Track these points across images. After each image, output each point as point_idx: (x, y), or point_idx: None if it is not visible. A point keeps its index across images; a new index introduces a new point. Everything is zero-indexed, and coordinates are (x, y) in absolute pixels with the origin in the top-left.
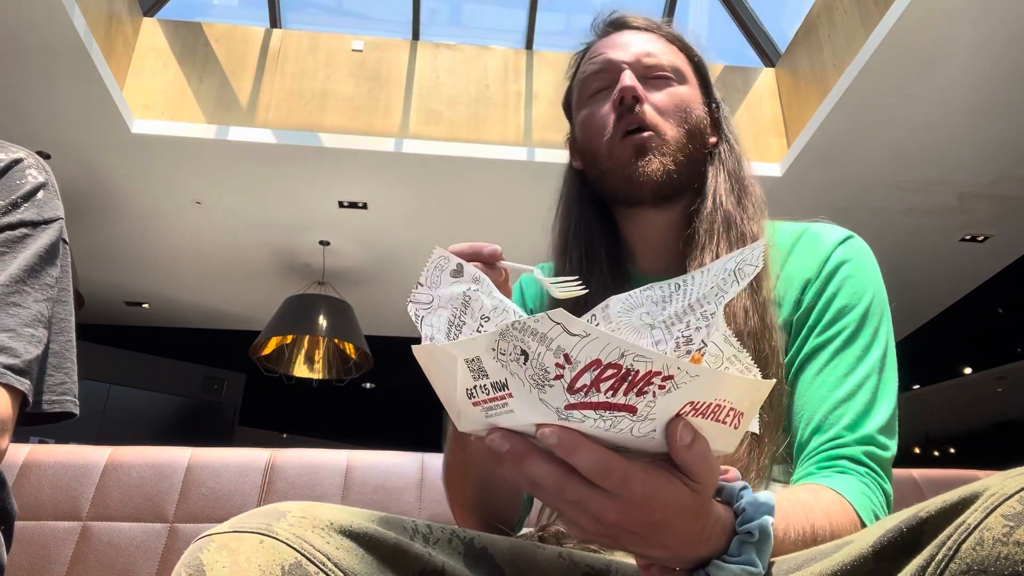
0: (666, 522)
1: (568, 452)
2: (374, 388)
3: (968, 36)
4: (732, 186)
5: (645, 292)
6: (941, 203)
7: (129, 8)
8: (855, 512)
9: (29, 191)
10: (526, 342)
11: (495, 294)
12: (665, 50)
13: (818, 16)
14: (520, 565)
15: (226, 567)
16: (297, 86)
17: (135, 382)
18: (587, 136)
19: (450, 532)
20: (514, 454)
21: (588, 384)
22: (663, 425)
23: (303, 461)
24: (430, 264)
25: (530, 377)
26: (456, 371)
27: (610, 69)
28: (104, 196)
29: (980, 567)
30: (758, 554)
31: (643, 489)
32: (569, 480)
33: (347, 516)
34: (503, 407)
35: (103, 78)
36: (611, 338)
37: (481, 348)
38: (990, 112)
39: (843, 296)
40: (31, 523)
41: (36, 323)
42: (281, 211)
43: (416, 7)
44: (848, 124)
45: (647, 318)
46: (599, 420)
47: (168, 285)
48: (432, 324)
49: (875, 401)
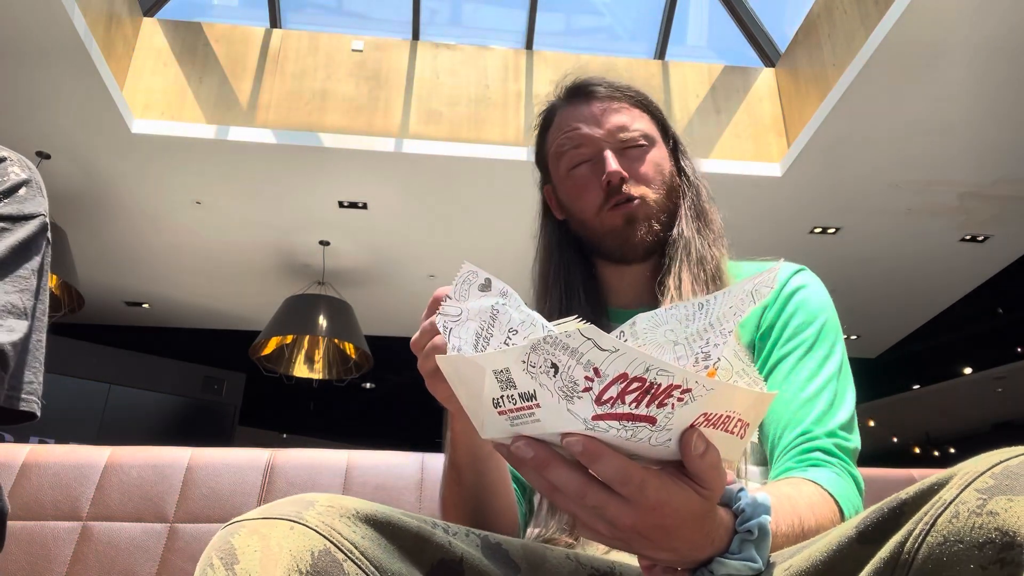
0: (676, 526)
1: (592, 460)
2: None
3: (968, 36)
4: (692, 217)
5: (671, 311)
6: (941, 203)
7: (129, 8)
8: (834, 501)
9: (9, 188)
10: (557, 356)
11: (523, 308)
12: (633, 117)
13: (818, 16)
14: (533, 562)
15: (257, 551)
16: (297, 86)
17: (135, 382)
18: (575, 206)
19: (465, 528)
20: (538, 461)
21: (614, 396)
22: (678, 435)
23: (303, 461)
24: (459, 278)
25: (559, 388)
26: (482, 381)
27: (588, 145)
28: (104, 196)
29: (956, 537)
30: (757, 551)
31: (657, 495)
32: (589, 486)
33: (371, 507)
34: (529, 417)
35: (103, 78)
36: (638, 353)
37: (511, 360)
38: (990, 112)
39: (800, 315)
40: (31, 523)
41: (6, 314)
42: (281, 211)
43: (416, 7)
44: (848, 124)
45: (671, 335)
46: (621, 430)
47: (168, 285)
48: (460, 336)
49: (836, 402)
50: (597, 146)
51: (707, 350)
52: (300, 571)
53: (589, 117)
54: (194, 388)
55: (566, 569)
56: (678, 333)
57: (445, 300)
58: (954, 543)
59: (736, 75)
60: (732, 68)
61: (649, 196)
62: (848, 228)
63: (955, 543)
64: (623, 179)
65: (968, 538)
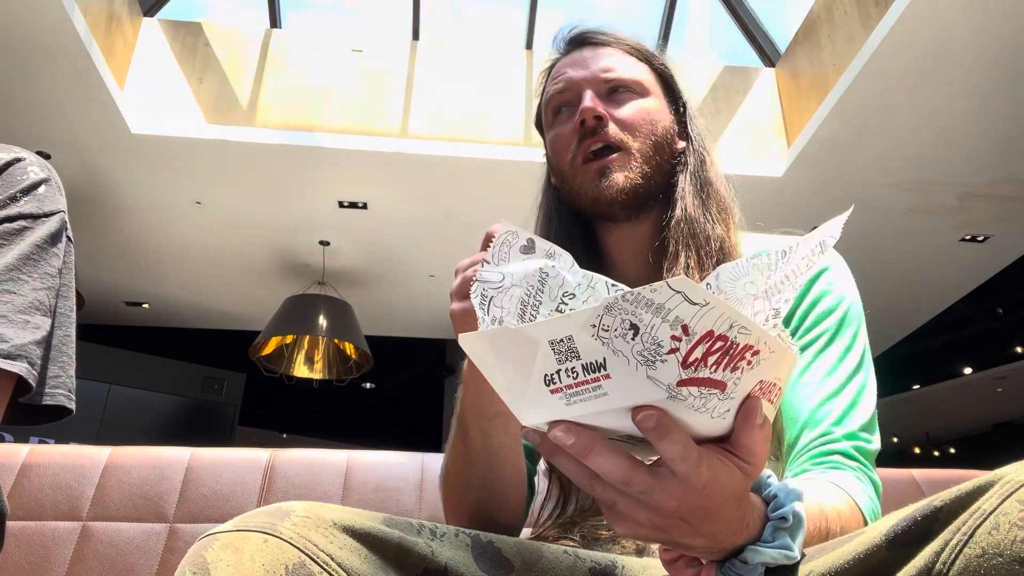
0: (718, 508)
1: (662, 435)
2: (374, 388)
3: (968, 36)
4: (697, 190)
5: (752, 261)
6: (941, 203)
7: (129, 8)
8: (860, 511)
9: (29, 186)
10: (638, 315)
11: (578, 270)
12: (625, 62)
13: (818, 16)
14: (527, 558)
15: (230, 565)
16: (297, 86)
17: (135, 382)
18: (555, 157)
19: (456, 528)
20: (579, 447)
21: (700, 358)
22: (737, 405)
23: (303, 461)
24: (497, 240)
25: (638, 353)
26: (529, 356)
27: (572, 88)
28: (104, 196)
29: (995, 550)
30: (792, 539)
31: (708, 473)
32: (635, 471)
33: (351, 516)
34: (595, 390)
35: (103, 78)
36: (726, 307)
37: (577, 326)
38: (990, 112)
39: (822, 302)
40: (31, 523)
41: (32, 310)
42: (281, 211)
43: (416, 7)
44: (848, 124)
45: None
46: (697, 398)
47: (168, 285)
48: (501, 305)
49: (858, 399)
50: (579, 88)
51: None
52: None
53: (578, 60)
54: (194, 388)
55: (563, 564)
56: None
57: (482, 265)
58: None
59: (736, 75)
60: (732, 68)
61: (631, 145)
62: (848, 228)
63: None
64: (599, 119)
65: (1008, 552)
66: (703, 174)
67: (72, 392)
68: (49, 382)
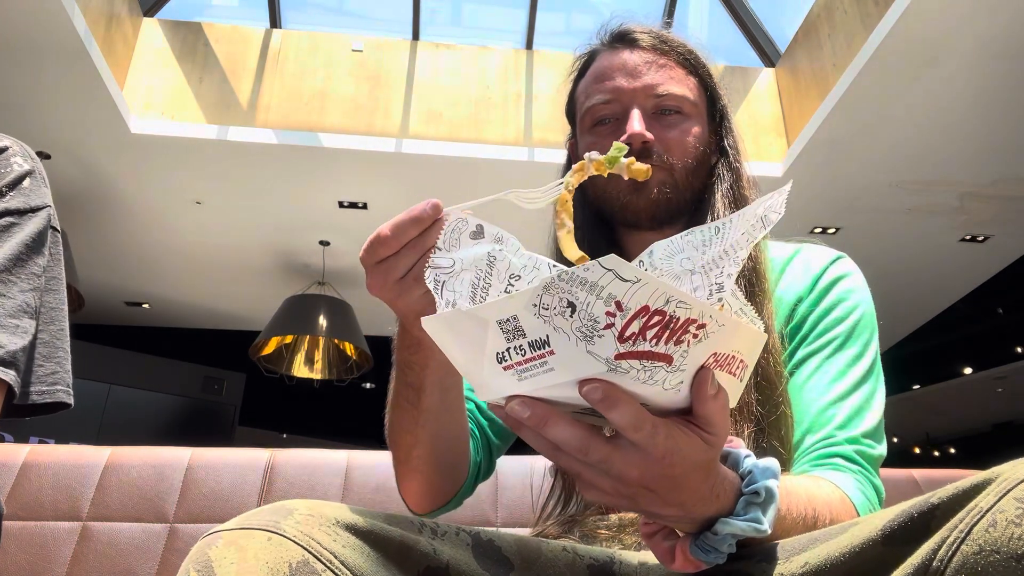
0: (683, 477)
1: (610, 407)
2: (374, 388)
3: (968, 36)
4: (729, 205)
5: (686, 237)
6: (941, 203)
7: (129, 8)
8: (854, 508)
9: (14, 179)
10: (574, 293)
11: (523, 252)
12: (674, 77)
13: (818, 16)
14: (527, 556)
15: (234, 563)
16: (297, 86)
17: (135, 382)
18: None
19: (456, 528)
20: (535, 419)
21: (636, 332)
22: (690, 377)
23: (303, 461)
24: (447, 227)
25: (577, 330)
26: (482, 336)
27: (619, 100)
28: (104, 196)
29: (992, 547)
30: (763, 513)
31: (666, 443)
32: (592, 440)
33: (353, 514)
34: (542, 366)
35: (103, 78)
36: (659, 283)
37: (520, 306)
38: (990, 112)
39: (836, 309)
40: (31, 523)
41: (21, 313)
42: (281, 211)
43: (416, 7)
44: (848, 124)
45: (687, 263)
46: (640, 371)
47: (168, 285)
48: (454, 289)
49: (864, 406)
50: (626, 102)
51: (720, 280)
52: None
53: (628, 68)
54: (194, 388)
55: (562, 561)
56: (695, 261)
57: (434, 251)
58: (990, 553)
59: (736, 75)
60: (732, 68)
61: (673, 164)
62: (848, 228)
63: (991, 553)
64: (645, 144)
65: (1005, 549)
66: (738, 190)
67: (70, 387)
68: (47, 379)
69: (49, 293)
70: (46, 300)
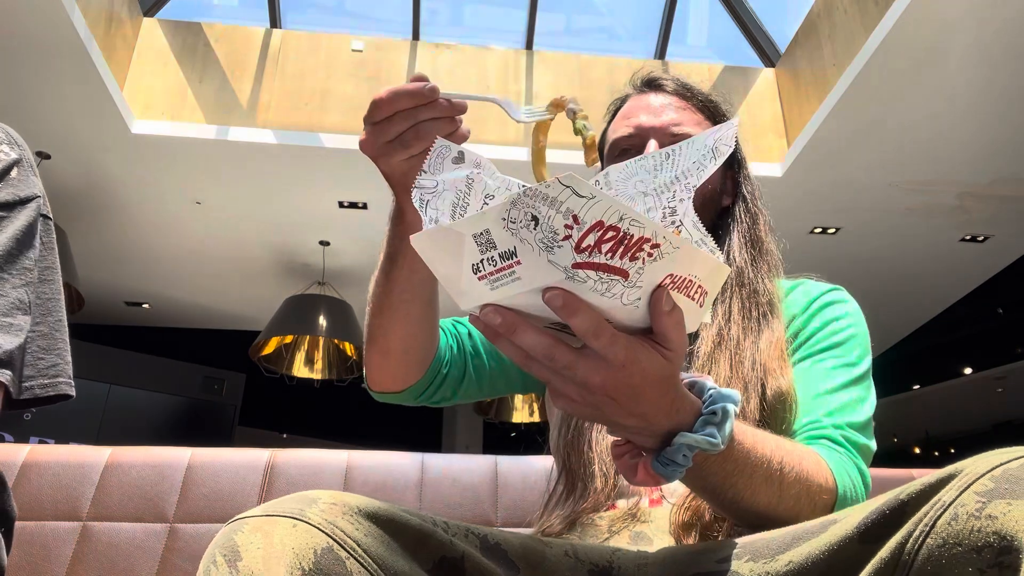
0: (643, 388)
1: (570, 313)
2: None
3: (968, 36)
4: (746, 245)
5: (640, 162)
6: (941, 203)
7: (129, 8)
8: (829, 469)
9: (2, 170)
10: (537, 207)
11: (497, 175)
12: (693, 119)
13: (818, 16)
14: (531, 561)
15: (260, 548)
16: (297, 86)
17: (135, 382)
18: None
19: (465, 528)
20: (506, 326)
21: (592, 244)
22: (648, 295)
23: (303, 461)
24: (432, 152)
25: (539, 241)
26: (461, 250)
27: (640, 135)
28: (104, 196)
29: (955, 540)
30: (719, 430)
31: (625, 352)
32: (557, 347)
33: (374, 504)
34: (510, 276)
35: (103, 78)
36: (613, 201)
37: (491, 220)
38: (990, 112)
39: (831, 324)
40: (31, 523)
41: (15, 311)
42: (281, 211)
43: (416, 7)
44: (848, 124)
45: (640, 186)
46: (598, 282)
47: (168, 285)
48: (437, 207)
49: (853, 404)
50: (646, 136)
51: (672, 204)
52: (303, 569)
53: (652, 108)
54: (194, 388)
55: (565, 566)
56: (647, 184)
57: (420, 174)
58: (953, 546)
59: (736, 75)
60: (732, 68)
61: None
62: (848, 228)
63: (954, 546)
64: None
65: (967, 541)
66: (755, 233)
67: (71, 377)
68: (48, 372)
69: (44, 284)
70: (41, 291)
